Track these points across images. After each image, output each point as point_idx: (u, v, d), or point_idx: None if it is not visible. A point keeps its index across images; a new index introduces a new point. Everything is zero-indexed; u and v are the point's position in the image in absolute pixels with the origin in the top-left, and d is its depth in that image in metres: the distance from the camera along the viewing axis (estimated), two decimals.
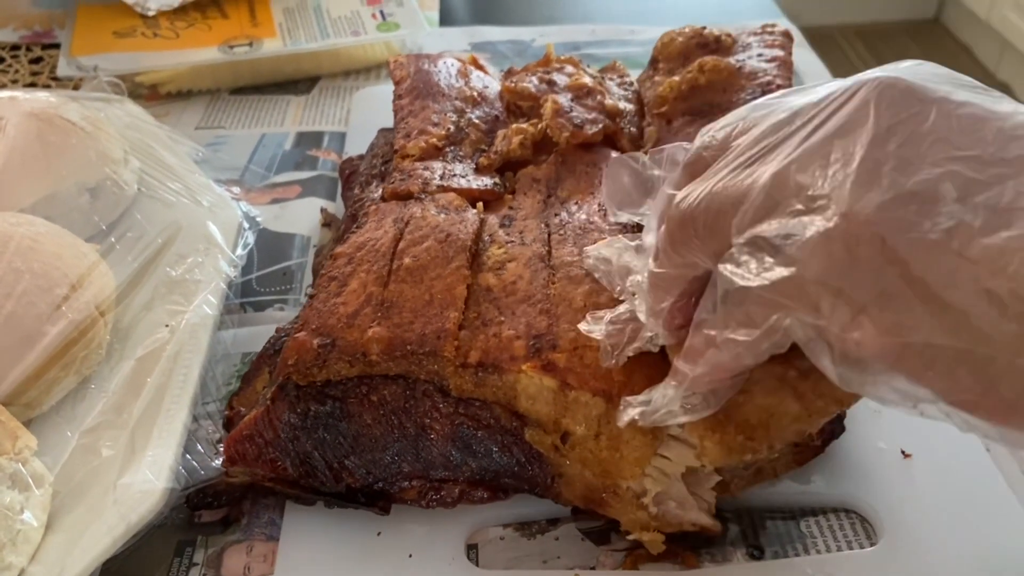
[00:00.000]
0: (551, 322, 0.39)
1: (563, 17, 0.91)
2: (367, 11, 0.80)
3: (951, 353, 0.24)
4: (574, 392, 0.37)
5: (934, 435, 0.44)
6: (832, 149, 0.27)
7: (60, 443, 0.41)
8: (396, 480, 0.40)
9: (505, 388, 0.38)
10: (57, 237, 0.46)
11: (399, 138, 0.52)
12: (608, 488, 0.38)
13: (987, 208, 0.24)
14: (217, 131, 0.71)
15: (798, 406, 0.33)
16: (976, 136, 0.25)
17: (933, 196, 0.24)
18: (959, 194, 0.24)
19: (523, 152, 0.51)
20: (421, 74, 0.57)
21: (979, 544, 0.39)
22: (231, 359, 0.49)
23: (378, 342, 0.38)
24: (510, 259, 0.43)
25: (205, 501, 0.41)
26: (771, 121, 0.29)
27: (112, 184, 0.53)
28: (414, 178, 0.49)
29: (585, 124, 0.51)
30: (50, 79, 0.79)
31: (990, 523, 0.40)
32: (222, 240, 0.52)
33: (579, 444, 0.37)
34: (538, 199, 0.48)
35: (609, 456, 0.37)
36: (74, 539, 0.37)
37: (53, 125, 0.52)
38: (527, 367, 0.37)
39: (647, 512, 0.38)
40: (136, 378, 0.43)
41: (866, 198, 0.25)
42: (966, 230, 0.24)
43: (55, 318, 0.42)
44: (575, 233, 0.43)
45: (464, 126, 0.53)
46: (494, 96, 0.56)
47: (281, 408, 0.39)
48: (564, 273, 0.41)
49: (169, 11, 0.77)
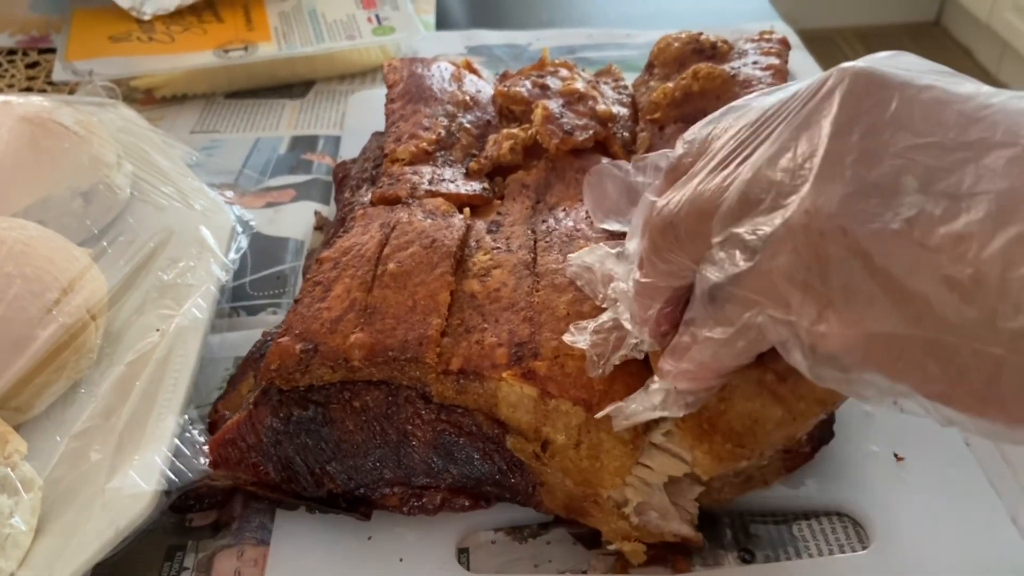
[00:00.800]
0: (534, 330, 0.38)
1: (559, 21, 0.92)
2: (362, 15, 0.80)
3: (918, 344, 0.24)
4: (554, 401, 0.37)
5: (927, 439, 0.44)
6: (799, 142, 0.27)
7: (50, 447, 0.41)
8: (378, 486, 0.40)
9: (486, 396, 0.38)
10: (49, 241, 0.46)
11: (389, 142, 0.52)
12: (589, 497, 0.38)
13: (947, 196, 0.24)
14: (212, 135, 0.72)
15: (780, 410, 0.33)
16: (937, 121, 0.25)
17: (894, 187, 0.24)
18: (920, 183, 0.24)
19: (513, 157, 0.51)
20: (414, 78, 0.57)
21: (971, 548, 0.39)
22: (223, 363, 0.49)
23: (360, 348, 0.38)
24: (495, 266, 0.42)
25: (188, 504, 0.41)
26: (747, 120, 0.29)
27: (105, 188, 0.53)
28: (402, 182, 0.49)
29: (575, 130, 0.51)
30: (46, 83, 0.79)
31: (982, 527, 0.40)
32: (215, 244, 0.52)
33: (559, 453, 0.37)
34: (526, 205, 0.48)
35: (589, 465, 0.37)
36: (63, 543, 0.37)
37: (46, 129, 0.52)
38: (508, 375, 0.37)
39: (628, 522, 0.38)
40: (126, 382, 0.43)
41: (828, 191, 0.25)
42: (927, 219, 0.24)
43: (46, 322, 0.42)
44: (561, 240, 0.43)
45: (455, 131, 0.53)
46: (487, 101, 0.56)
47: (264, 413, 0.39)
48: (548, 281, 0.41)
49: (165, 15, 0.77)
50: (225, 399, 0.44)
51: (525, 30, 0.89)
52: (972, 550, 0.39)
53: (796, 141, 0.27)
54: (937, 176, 0.24)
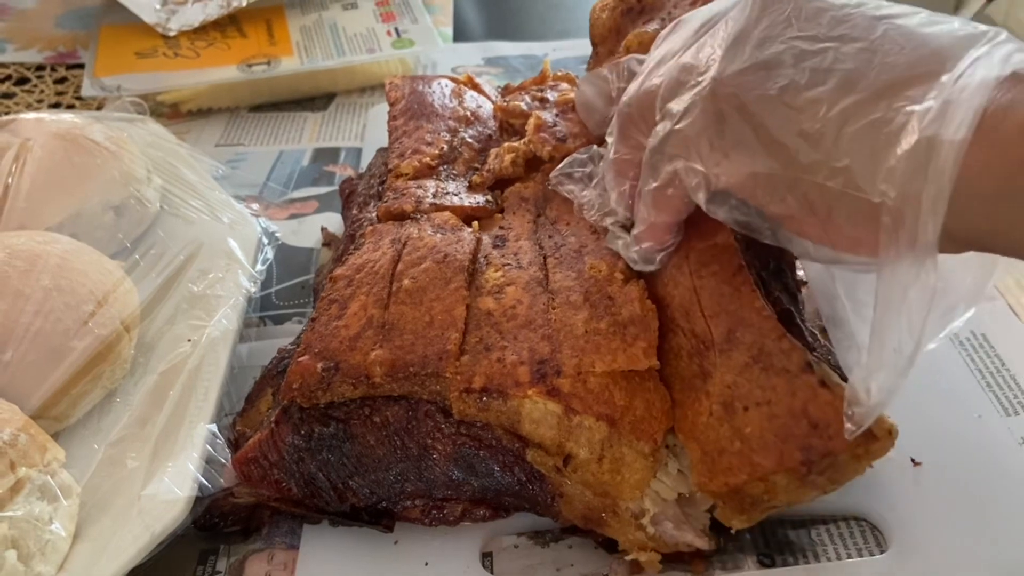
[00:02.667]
0: (554, 348, 0.39)
1: (575, 32, 0.92)
2: (382, 28, 0.82)
3: (784, 182, 0.32)
4: (578, 417, 0.37)
5: (944, 444, 0.44)
6: (716, 35, 0.35)
7: (87, 455, 0.42)
8: (399, 499, 0.41)
9: (509, 412, 0.38)
10: (83, 255, 0.47)
11: (393, 157, 0.53)
12: (607, 508, 0.39)
13: (812, 70, 0.31)
14: (237, 148, 0.73)
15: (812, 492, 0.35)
16: (816, 21, 0.32)
17: (777, 63, 0.32)
18: (794, 61, 0.32)
19: (515, 170, 0.51)
20: (416, 95, 0.57)
21: (989, 552, 0.40)
22: (252, 371, 0.50)
23: (381, 364, 0.39)
24: (508, 283, 0.43)
25: (212, 522, 0.42)
26: (687, 29, 0.38)
27: (136, 202, 0.55)
28: (407, 196, 0.49)
29: (568, 138, 0.51)
30: (74, 99, 0.81)
31: (1000, 531, 0.40)
32: (242, 256, 0.53)
33: (581, 467, 0.38)
34: (528, 219, 0.48)
35: (611, 479, 0.38)
36: (100, 549, 0.38)
37: (78, 145, 0.54)
38: (532, 392, 0.38)
39: (645, 532, 0.38)
40: (159, 391, 0.44)
41: (729, 68, 0.33)
42: (794, 87, 0.31)
43: (82, 334, 0.43)
44: (569, 256, 0.43)
45: (457, 145, 0.53)
46: (487, 115, 0.57)
47: (285, 430, 0.40)
48: (564, 299, 0.41)
49: (189, 31, 0.79)
50: (244, 416, 0.45)
51: (541, 41, 0.90)
52: (990, 555, 0.40)
53: (713, 37, 0.35)
54: (807, 56, 0.32)
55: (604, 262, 0.42)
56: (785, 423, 0.33)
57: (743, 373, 0.35)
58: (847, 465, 0.33)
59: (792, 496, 0.34)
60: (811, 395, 0.33)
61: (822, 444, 0.32)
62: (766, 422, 0.34)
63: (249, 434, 0.43)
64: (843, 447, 0.32)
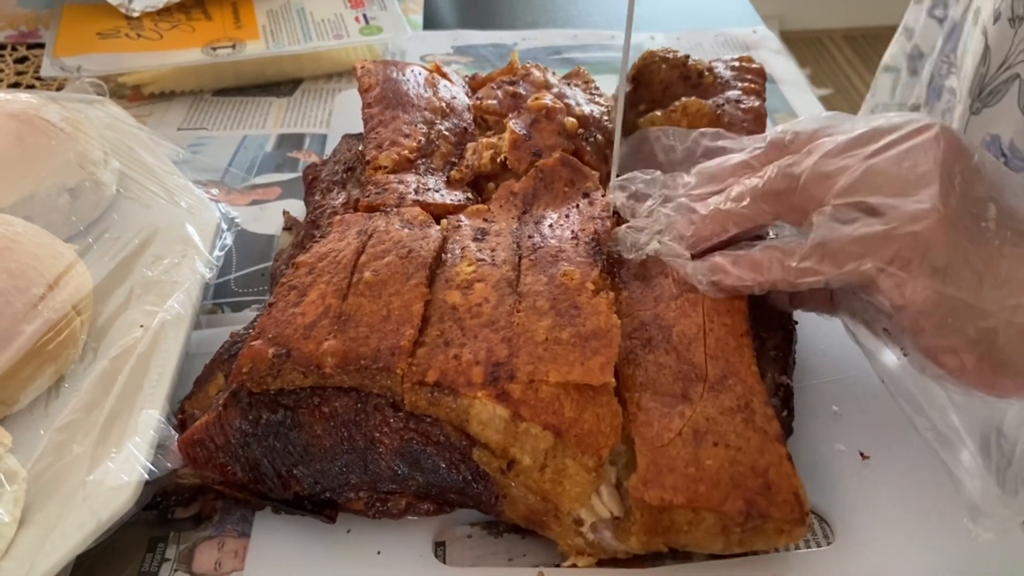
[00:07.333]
0: (511, 352, 0.39)
1: (545, 22, 0.92)
2: (350, 14, 0.81)
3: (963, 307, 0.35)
4: (525, 424, 0.37)
5: (892, 439, 0.45)
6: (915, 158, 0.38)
7: (33, 440, 0.41)
8: (343, 490, 0.41)
9: (458, 410, 0.38)
10: (35, 237, 0.47)
11: (370, 148, 0.52)
12: (549, 512, 0.39)
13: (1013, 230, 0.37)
14: (199, 132, 0.72)
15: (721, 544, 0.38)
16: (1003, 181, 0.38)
17: (983, 212, 0.37)
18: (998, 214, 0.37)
19: (494, 167, 0.51)
20: (390, 83, 0.57)
21: (933, 544, 0.40)
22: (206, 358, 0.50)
23: (333, 355, 0.39)
24: (479, 279, 0.43)
25: (154, 501, 0.42)
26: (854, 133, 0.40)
27: (91, 185, 0.54)
28: (390, 191, 0.49)
29: (543, 151, 0.51)
30: (34, 79, 0.79)
31: (945, 524, 0.41)
32: (199, 241, 0.52)
33: (524, 473, 0.38)
34: (513, 214, 0.48)
35: (552, 488, 0.38)
36: (46, 534, 0.37)
37: (33, 126, 0.53)
38: (483, 394, 0.37)
39: (584, 539, 0.39)
40: (109, 377, 0.44)
41: (949, 199, 0.36)
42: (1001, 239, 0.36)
43: (31, 317, 0.43)
44: (545, 260, 0.43)
45: (435, 138, 0.53)
46: (462, 107, 0.56)
47: (233, 414, 0.40)
48: (530, 303, 0.41)
49: (153, 12, 0.78)
50: (192, 399, 0.45)
51: (511, 30, 0.90)
52: (932, 547, 0.40)
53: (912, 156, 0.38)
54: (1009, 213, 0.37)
55: (578, 270, 0.42)
56: (744, 472, 0.36)
57: (725, 414, 0.38)
58: (768, 534, 0.36)
59: (704, 539, 0.37)
60: (776, 461, 0.36)
61: (765, 505, 0.35)
62: (727, 464, 0.36)
63: (197, 415, 0.42)
64: (779, 516, 0.35)
